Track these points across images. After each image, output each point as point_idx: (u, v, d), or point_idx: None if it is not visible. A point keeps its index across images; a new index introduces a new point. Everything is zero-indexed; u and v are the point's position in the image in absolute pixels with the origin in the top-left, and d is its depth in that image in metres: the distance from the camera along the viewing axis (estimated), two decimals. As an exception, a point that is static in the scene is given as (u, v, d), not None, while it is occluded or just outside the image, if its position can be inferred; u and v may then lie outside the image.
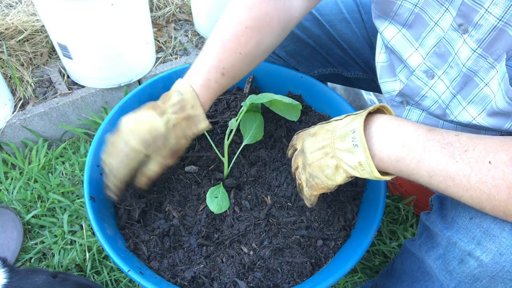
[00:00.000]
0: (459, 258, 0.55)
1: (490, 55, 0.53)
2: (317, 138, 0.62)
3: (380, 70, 0.78)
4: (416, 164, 0.53)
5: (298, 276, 0.73)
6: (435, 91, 0.65)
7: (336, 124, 0.61)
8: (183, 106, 0.67)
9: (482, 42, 0.53)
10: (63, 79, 1.32)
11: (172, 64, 1.41)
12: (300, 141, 0.69)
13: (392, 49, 0.69)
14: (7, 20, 1.37)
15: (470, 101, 0.60)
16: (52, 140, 1.30)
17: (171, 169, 0.83)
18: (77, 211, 1.10)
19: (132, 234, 0.75)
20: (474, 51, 0.54)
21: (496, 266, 0.51)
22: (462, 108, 0.61)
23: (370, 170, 0.55)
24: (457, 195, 0.51)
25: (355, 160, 0.56)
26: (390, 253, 1.08)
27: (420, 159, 0.53)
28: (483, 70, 0.55)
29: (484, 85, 0.57)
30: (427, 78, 0.65)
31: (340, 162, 0.58)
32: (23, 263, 1.02)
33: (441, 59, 0.62)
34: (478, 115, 0.59)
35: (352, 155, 0.56)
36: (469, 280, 0.55)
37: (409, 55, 0.67)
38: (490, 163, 0.48)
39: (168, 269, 0.72)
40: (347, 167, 0.57)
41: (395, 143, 0.54)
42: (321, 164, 0.60)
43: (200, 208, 0.78)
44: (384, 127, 0.56)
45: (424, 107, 0.69)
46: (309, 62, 0.98)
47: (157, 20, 1.59)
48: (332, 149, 0.59)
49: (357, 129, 0.55)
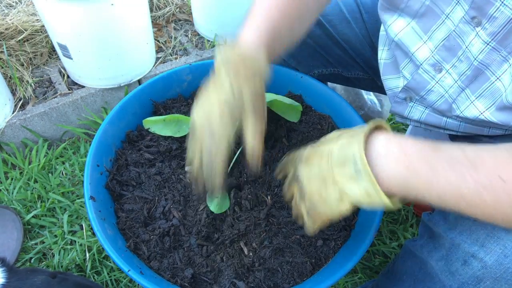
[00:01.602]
0: (463, 259, 0.55)
1: (504, 48, 0.52)
2: (313, 164, 0.57)
3: (383, 67, 0.78)
4: (425, 187, 0.49)
5: (298, 276, 0.73)
6: (442, 85, 0.64)
7: (331, 148, 0.55)
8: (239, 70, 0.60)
9: (496, 35, 0.52)
10: (63, 79, 1.32)
11: (172, 64, 1.41)
12: (291, 166, 0.63)
13: (399, 43, 0.68)
14: (7, 20, 1.37)
15: (479, 95, 0.59)
16: (52, 140, 1.30)
17: (171, 169, 0.83)
18: (77, 211, 1.10)
19: (132, 234, 0.75)
20: (487, 44, 0.53)
21: (500, 267, 0.50)
22: (470, 103, 0.61)
23: (380, 200, 0.50)
24: (469, 213, 0.48)
25: (360, 188, 0.51)
26: (390, 253, 1.08)
27: (429, 181, 0.49)
28: (495, 63, 0.54)
29: (495, 79, 0.56)
30: (434, 72, 0.64)
31: (343, 191, 0.53)
32: (23, 263, 1.02)
33: (450, 52, 0.61)
34: (486, 109, 0.58)
35: (356, 184, 0.51)
36: (472, 281, 0.54)
37: (417, 48, 0.65)
38: (502, 179, 0.45)
39: (168, 269, 0.72)
40: (353, 196, 0.52)
41: (400, 165, 0.50)
42: (322, 194, 0.55)
43: (200, 208, 0.78)
44: (385, 149, 0.52)
45: (429, 102, 0.68)
46: (309, 62, 0.98)
47: (157, 20, 1.59)
48: (332, 177, 0.53)
49: (358, 155, 0.51)
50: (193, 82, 1.00)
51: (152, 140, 0.88)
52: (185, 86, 0.99)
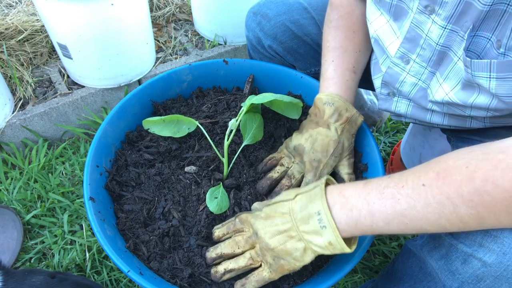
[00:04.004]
0: (462, 259, 0.55)
1: (461, 28, 0.56)
2: (274, 221, 0.62)
3: (373, 67, 0.82)
4: (371, 219, 0.54)
5: (298, 277, 0.73)
6: (413, 74, 0.69)
7: (291, 207, 0.61)
8: (340, 113, 0.75)
9: (450, 18, 0.56)
10: (63, 79, 1.32)
11: (172, 64, 1.41)
12: (247, 225, 0.67)
13: (377, 38, 0.73)
14: (7, 20, 1.37)
15: (446, 77, 0.63)
16: (52, 140, 1.30)
17: (171, 169, 0.83)
18: (77, 211, 1.10)
19: (132, 235, 0.75)
20: (444, 28, 0.58)
21: (500, 266, 0.50)
22: (439, 85, 0.65)
23: (341, 248, 0.56)
24: (417, 228, 0.52)
25: (324, 241, 0.57)
26: (390, 253, 1.08)
27: (370, 213, 0.54)
28: (456, 44, 0.59)
29: (457, 59, 0.60)
30: (403, 64, 0.69)
31: (308, 244, 0.58)
32: (23, 263, 1.02)
33: (413, 43, 0.65)
34: (451, 90, 0.62)
35: (320, 237, 0.57)
36: (473, 280, 0.54)
37: (390, 43, 0.70)
38: (424, 186, 0.50)
39: (168, 269, 0.72)
40: (317, 248, 0.58)
41: (345, 210, 0.56)
42: (287, 248, 0.60)
43: (200, 208, 0.77)
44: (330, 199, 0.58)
45: (405, 93, 0.73)
46: (306, 60, 0.98)
47: (157, 20, 1.59)
48: (297, 233, 0.59)
49: (323, 211, 0.56)
50: (193, 82, 1.00)
51: (152, 141, 0.88)
52: (185, 86, 0.99)
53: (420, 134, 1.09)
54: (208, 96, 0.99)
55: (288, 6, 0.94)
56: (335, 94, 0.77)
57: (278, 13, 0.93)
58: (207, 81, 1.01)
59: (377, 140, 1.39)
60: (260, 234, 0.63)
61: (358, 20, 0.81)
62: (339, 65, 0.79)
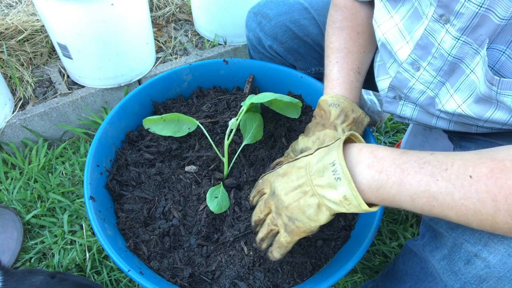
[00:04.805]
0: (465, 259, 0.54)
1: (474, 41, 0.55)
2: (290, 177, 0.59)
3: (377, 68, 0.82)
4: (397, 189, 0.50)
5: (298, 276, 0.73)
6: (422, 82, 0.67)
7: (308, 160, 0.58)
8: (346, 114, 0.75)
9: (465, 30, 0.55)
10: (63, 79, 1.32)
11: (172, 64, 1.41)
12: (267, 184, 0.65)
13: (385, 42, 0.72)
14: (7, 20, 1.37)
15: (457, 88, 0.62)
16: (52, 140, 1.30)
17: (171, 169, 0.83)
18: (77, 211, 1.10)
19: (132, 234, 0.75)
20: (457, 39, 0.56)
21: (504, 267, 0.50)
22: (450, 96, 0.63)
23: (357, 203, 0.52)
24: (442, 214, 0.49)
25: (339, 195, 0.53)
26: (390, 253, 1.08)
27: (400, 183, 0.50)
28: (468, 56, 0.57)
29: (470, 71, 0.58)
30: (413, 70, 0.67)
31: (322, 200, 0.55)
32: (23, 263, 1.02)
33: (425, 50, 0.64)
34: (463, 103, 0.61)
35: (335, 190, 0.53)
36: (475, 281, 0.54)
37: (399, 47, 0.69)
38: (471, 178, 0.46)
39: (168, 269, 0.72)
40: (331, 204, 0.54)
41: (372, 170, 0.52)
42: (300, 204, 0.57)
43: (200, 208, 0.77)
44: (357, 156, 0.54)
45: (413, 99, 0.71)
46: (307, 60, 0.99)
47: (157, 20, 1.59)
48: (310, 187, 0.56)
49: (337, 161, 0.53)
50: (193, 82, 1.00)
51: (152, 140, 0.88)
52: (185, 86, 0.99)
53: (421, 134, 1.09)
54: (208, 96, 0.99)
55: (289, 6, 0.94)
56: (340, 95, 0.76)
57: (279, 13, 0.93)
58: (207, 81, 1.01)
59: (377, 140, 1.39)
60: (277, 192, 0.60)
61: (363, 21, 0.81)
62: (344, 66, 0.78)
